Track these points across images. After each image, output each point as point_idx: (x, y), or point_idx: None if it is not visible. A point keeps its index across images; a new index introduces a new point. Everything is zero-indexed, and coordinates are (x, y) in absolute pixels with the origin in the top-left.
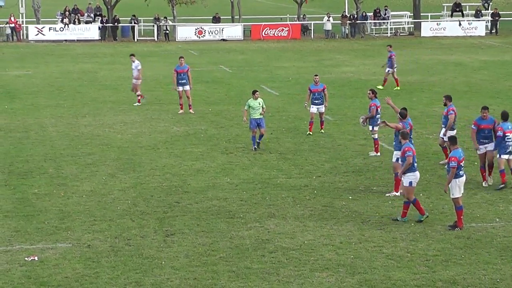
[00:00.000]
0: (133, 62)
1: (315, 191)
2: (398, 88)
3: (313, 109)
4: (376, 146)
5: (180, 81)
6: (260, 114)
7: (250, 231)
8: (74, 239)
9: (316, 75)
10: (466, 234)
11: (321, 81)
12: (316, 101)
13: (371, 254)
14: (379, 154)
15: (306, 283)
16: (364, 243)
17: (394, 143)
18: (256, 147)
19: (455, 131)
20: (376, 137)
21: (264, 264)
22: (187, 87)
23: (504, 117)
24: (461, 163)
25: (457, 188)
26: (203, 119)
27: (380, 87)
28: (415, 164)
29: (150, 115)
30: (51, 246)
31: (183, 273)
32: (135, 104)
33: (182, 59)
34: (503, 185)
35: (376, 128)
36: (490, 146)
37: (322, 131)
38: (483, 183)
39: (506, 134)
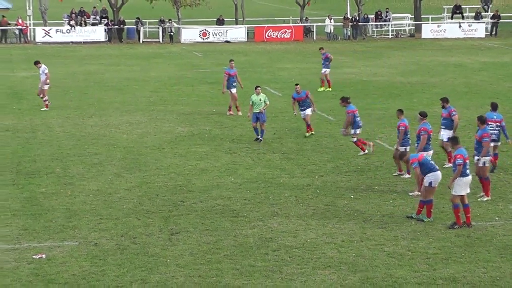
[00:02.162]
0: (40, 68)
1: (318, 190)
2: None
3: (303, 114)
4: (360, 146)
5: (231, 84)
6: (261, 108)
7: (253, 230)
8: (81, 238)
9: (297, 85)
10: (466, 232)
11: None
12: (303, 108)
13: (372, 252)
14: (366, 151)
15: (308, 281)
16: (365, 241)
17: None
18: (259, 137)
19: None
20: (355, 140)
21: (268, 262)
22: (234, 90)
23: (493, 107)
24: (466, 161)
25: (463, 186)
26: (207, 119)
27: (322, 89)
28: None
29: (155, 115)
30: (58, 244)
31: (188, 270)
32: (42, 109)
33: (232, 62)
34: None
35: (358, 131)
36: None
37: (307, 134)
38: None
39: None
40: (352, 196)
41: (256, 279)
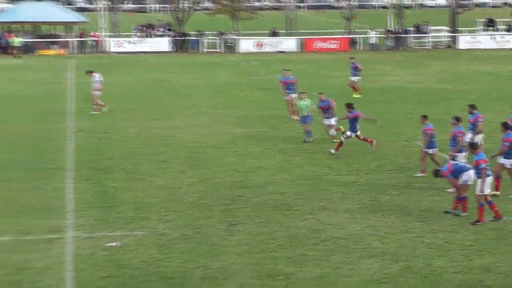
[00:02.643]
0: (93, 76)
1: (363, 187)
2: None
3: (327, 121)
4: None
5: (287, 91)
6: (307, 112)
7: (304, 222)
8: (149, 228)
9: (321, 94)
10: (499, 226)
11: (368, 89)
12: (327, 116)
13: (413, 243)
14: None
15: (354, 269)
16: (406, 234)
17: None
18: (307, 139)
19: (482, 135)
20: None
21: (317, 251)
22: (293, 95)
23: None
24: (487, 164)
25: (486, 186)
26: (262, 122)
27: (357, 95)
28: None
29: (216, 118)
30: (128, 233)
31: (246, 258)
32: (91, 113)
33: (286, 71)
34: None
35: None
36: None
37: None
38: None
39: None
40: (394, 193)
41: (307, 267)
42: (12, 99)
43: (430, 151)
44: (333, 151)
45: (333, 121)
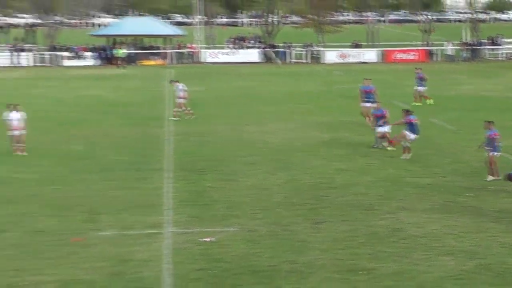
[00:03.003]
0: (177, 85)
1: (440, 189)
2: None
3: (380, 129)
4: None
5: (365, 99)
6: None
7: (384, 221)
8: (240, 225)
9: (377, 102)
10: None
11: (445, 97)
12: (380, 124)
13: (487, 243)
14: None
15: (432, 265)
16: (481, 233)
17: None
18: (376, 145)
19: None
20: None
21: (397, 248)
22: (368, 104)
23: None
24: None
25: None
26: (345, 127)
27: (419, 103)
28: None
29: (302, 123)
30: (221, 230)
31: (329, 254)
32: (171, 119)
33: (367, 80)
34: None
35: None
36: None
37: (389, 148)
38: None
39: None
40: (469, 195)
41: (387, 263)
42: (115, 106)
43: (496, 154)
44: (406, 156)
45: (386, 129)
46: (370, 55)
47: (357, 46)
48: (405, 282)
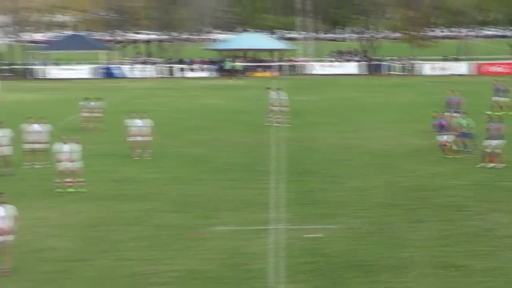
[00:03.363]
0: (271, 93)
1: None
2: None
3: (440, 138)
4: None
5: (451, 109)
6: (466, 129)
7: (475, 222)
8: (340, 223)
9: (434, 112)
10: None
11: None
12: (440, 132)
13: None
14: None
15: None
16: None
17: None
18: (460, 149)
19: None
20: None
21: (488, 247)
22: (455, 114)
23: None
24: None
25: None
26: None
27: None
28: None
29: (400, 131)
30: (323, 227)
31: (423, 251)
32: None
33: (456, 92)
34: None
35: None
36: None
37: (449, 156)
38: None
39: None
40: None
41: (477, 260)
42: (229, 113)
43: None
44: (490, 165)
45: (445, 137)
46: (460, 67)
47: (448, 59)
48: (496, 278)
